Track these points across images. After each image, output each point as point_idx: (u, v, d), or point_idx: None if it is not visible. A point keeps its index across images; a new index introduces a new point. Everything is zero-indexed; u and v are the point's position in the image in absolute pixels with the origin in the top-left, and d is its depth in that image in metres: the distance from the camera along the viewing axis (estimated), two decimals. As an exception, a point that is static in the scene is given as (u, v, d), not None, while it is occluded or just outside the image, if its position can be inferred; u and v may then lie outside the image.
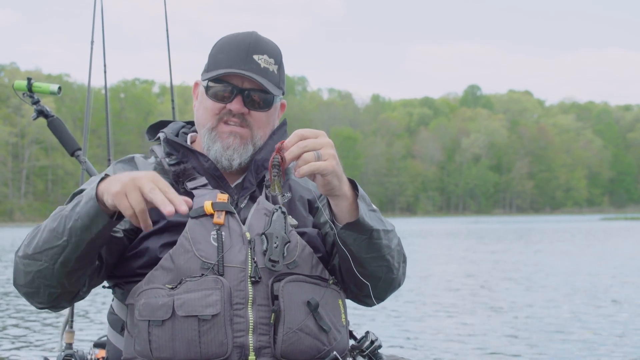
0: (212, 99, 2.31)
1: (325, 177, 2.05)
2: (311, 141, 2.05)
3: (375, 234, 2.17)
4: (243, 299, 2.13)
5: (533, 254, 23.36)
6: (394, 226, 2.31)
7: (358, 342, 2.28)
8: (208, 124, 2.33)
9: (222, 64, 2.30)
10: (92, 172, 4.01)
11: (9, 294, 13.81)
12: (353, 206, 2.14)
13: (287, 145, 2.05)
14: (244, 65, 2.28)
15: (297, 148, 2.03)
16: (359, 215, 2.12)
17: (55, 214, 2.13)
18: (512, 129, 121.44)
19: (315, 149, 2.04)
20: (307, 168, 2.02)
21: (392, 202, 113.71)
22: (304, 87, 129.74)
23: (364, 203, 2.16)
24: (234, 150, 2.32)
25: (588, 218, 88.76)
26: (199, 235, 2.18)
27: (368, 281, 2.25)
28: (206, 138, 2.33)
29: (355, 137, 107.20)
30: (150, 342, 2.12)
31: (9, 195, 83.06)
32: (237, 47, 2.31)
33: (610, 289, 13.44)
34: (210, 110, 2.32)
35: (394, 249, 2.27)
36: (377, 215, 2.22)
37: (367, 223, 2.14)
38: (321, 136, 2.08)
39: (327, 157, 2.05)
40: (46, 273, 2.11)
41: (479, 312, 10.73)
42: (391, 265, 2.27)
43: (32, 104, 4.08)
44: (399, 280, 2.35)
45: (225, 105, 2.31)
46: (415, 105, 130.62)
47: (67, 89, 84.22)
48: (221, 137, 2.32)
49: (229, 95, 2.30)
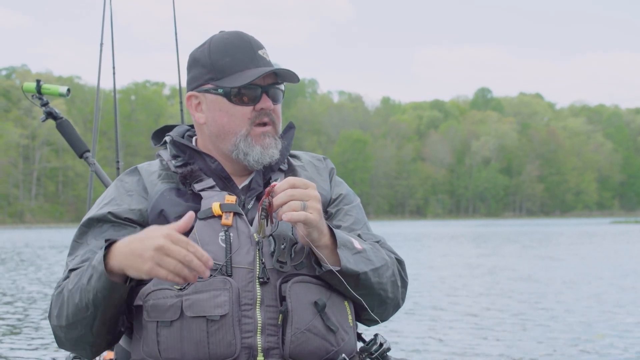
0: (239, 104, 2.30)
1: (307, 228, 2.11)
2: (299, 191, 2.11)
3: (363, 276, 2.20)
4: (251, 299, 2.14)
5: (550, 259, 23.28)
6: (390, 257, 2.33)
7: (367, 345, 2.28)
8: (242, 130, 2.31)
9: (236, 67, 2.29)
10: (100, 174, 4.02)
11: (18, 294, 13.85)
12: (334, 254, 2.18)
13: (276, 190, 2.11)
14: (258, 63, 2.30)
15: (284, 195, 2.10)
16: (341, 266, 2.15)
17: (75, 284, 2.14)
18: (523, 132, 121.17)
19: (302, 200, 2.10)
20: (293, 215, 2.08)
21: (402, 204, 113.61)
22: (314, 89, 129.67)
23: (347, 249, 2.18)
24: (272, 148, 2.33)
25: (598, 221, 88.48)
26: (207, 237, 2.19)
27: (362, 312, 2.30)
28: (242, 145, 2.31)
29: (365, 140, 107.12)
30: (158, 342, 2.13)
31: (20, 197, 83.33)
32: (242, 48, 2.31)
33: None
34: (240, 116, 2.31)
35: (387, 282, 2.28)
36: (364, 255, 2.23)
37: (351, 270, 2.17)
38: (311, 188, 2.14)
39: (312, 210, 2.10)
40: (86, 337, 2.18)
41: (490, 317, 10.71)
42: (384, 298, 2.30)
43: (41, 105, 4.10)
44: (395, 305, 2.37)
45: (254, 107, 2.31)
46: (425, 108, 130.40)
47: (77, 91, 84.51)
48: (258, 140, 2.31)
49: (255, 97, 2.31)
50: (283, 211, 2.09)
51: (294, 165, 2.45)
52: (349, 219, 2.42)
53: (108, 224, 2.29)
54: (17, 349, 8.21)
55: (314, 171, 2.46)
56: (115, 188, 2.37)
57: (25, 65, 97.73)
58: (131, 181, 2.38)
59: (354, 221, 2.42)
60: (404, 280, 2.38)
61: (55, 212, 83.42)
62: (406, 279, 2.40)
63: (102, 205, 2.33)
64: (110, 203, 2.32)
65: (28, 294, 14.04)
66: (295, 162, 2.47)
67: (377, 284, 2.25)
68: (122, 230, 2.27)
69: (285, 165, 2.44)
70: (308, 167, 2.47)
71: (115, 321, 2.18)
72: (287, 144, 2.41)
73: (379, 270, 2.25)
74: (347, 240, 2.20)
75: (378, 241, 2.39)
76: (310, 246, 2.17)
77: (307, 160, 2.50)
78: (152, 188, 2.33)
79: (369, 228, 2.46)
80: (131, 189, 2.35)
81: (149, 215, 2.29)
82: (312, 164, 2.49)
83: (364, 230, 2.41)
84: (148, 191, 2.33)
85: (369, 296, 2.26)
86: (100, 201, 2.37)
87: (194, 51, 2.39)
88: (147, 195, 2.32)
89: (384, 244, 2.40)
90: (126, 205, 2.31)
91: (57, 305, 2.20)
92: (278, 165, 2.39)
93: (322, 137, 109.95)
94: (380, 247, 2.35)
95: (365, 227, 2.44)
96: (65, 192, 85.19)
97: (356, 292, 2.23)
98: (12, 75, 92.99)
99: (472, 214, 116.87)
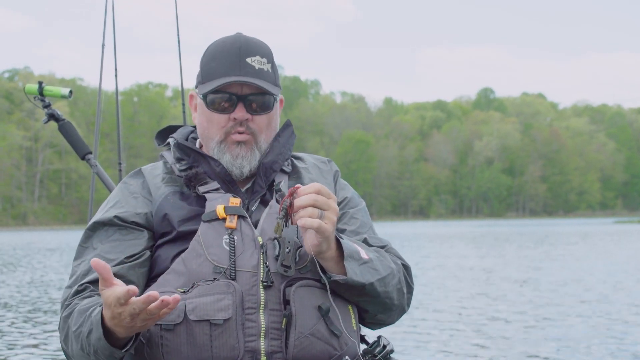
0: (213, 111, 2.30)
1: (319, 238, 2.09)
2: (322, 199, 2.09)
3: (369, 286, 2.19)
4: (255, 303, 2.13)
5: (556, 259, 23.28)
6: (396, 263, 2.31)
7: (370, 347, 2.27)
8: (216, 137, 2.32)
9: (216, 73, 2.29)
10: (102, 176, 4.01)
11: (20, 297, 13.85)
12: (340, 265, 2.17)
13: (300, 192, 2.09)
14: (239, 71, 2.27)
15: (308, 199, 2.08)
16: (347, 277, 2.14)
17: (77, 328, 2.11)
18: (525, 132, 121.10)
19: (322, 208, 2.08)
20: (307, 221, 2.05)
21: (405, 205, 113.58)
22: (316, 90, 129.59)
23: (353, 260, 2.17)
24: (242, 159, 2.31)
25: (601, 221, 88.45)
26: (211, 240, 2.18)
27: (366, 314, 2.30)
28: (215, 151, 2.33)
29: (368, 140, 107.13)
30: (161, 346, 2.12)
31: (23, 199, 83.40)
32: (229, 53, 2.29)
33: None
34: (215, 123, 2.31)
35: (392, 291, 2.27)
36: (371, 265, 2.22)
37: (357, 282, 2.16)
38: (332, 200, 2.12)
39: (327, 220, 2.08)
40: None
41: (490, 317, 10.70)
42: (389, 305, 2.29)
43: (43, 107, 4.09)
44: (400, 310, 2.36)
45: (229, 116, 2.30)
46: (428, 108, 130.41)
47: (80, 92, 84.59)
48: (229, 148, 2.31)
49: (230, 105, 2.29)
50: (300, 215, 2.07)
51: (298, 167, 2.44)
52: (355, 222, 2.41)
53: (114, 228, 2.28)
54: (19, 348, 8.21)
55: (318, 174, 2.44)
56: (120, 191, 2.37)
57: (27, 67, 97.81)
58: (136, 184, 2.37)
59: (359, 224, 2.41)
60: (410, 286, 2.37)
61: (59, 214, 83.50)
62: (412, 284, 2.39)
63: (107, 209, 2.33)
64: (116, 206, 2.31)
65: (29, 295, 14.04)
66: (299, 164, 2.45)
67: (383, 293, 2.24)
68: (128, 234, 2.26)
69: (289, 167, 2.42)
70: (312, 170, 2.45)
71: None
72: (284, 141, 2.39)
73: (385, 280, 2.24)
74: (353, 250, 2.19)
75: (384, 246, 2.38)
76: (314, 257, 2.14)
77: (312, 162, 2.49)
78: (156, 191, 2.32)
79: (375, 231, 2.45)
80: (136, 191, 2.35)
81: (153, 219, 2.28)
82: (317, 166, 2.48)
83: (369, 234, 2.40)
84: (152, 194, 2.32)
85: (374, 304, 2.25)
86: (106, 204, 2.37)
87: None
88: (151, 198, 2.32)
89: (390, 249, 2.38)
90: (132, 208, 2.30)
91: (63, 332, 2.19)
92: (280, 166, 2.38)
93: (324, 137, 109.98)
94: (386, 253, 2.33)
95: (371, 231, 2.43)
96: (68, 194, 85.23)
97: (361, 300, 2.23)
98: (15, 77, 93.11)
99: (475, 214, 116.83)
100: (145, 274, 2.25)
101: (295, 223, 2.09)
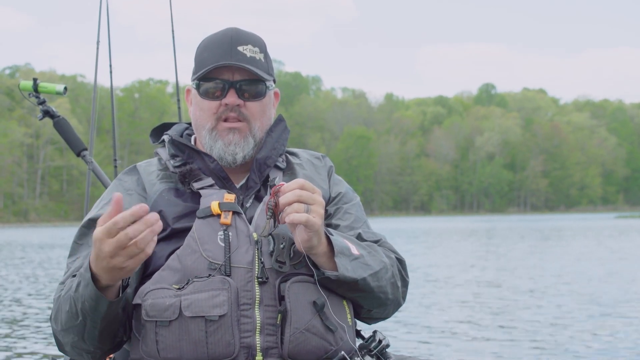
0: (205, 98, 2.31)
1: (309, 233, 2.09)
2: (307, 194, 2.10)
3: (361, 282, 2.20)
4: (250, 299, 2.13)
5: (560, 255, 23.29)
6: (389, 257, 2.31)
7: (366, 342, 2.27)
8: (207, 124, 2.32)
9: (208, 62, 2.29)
10: (98, 172, 4.00)
11: (18, 295, 13.86)
12: (332, 261, 2.17)
13: (284, 190, 2.09)
14: (230, 58, 2.28)
15: (292, 195, 2.08)
16: (339, 273, 2.14)
17: (67, 291, 2.13)
18: (527, 127, 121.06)
19: (308, 203, 2.09)
20: (295, 217, 2.06)
21: (406, 201, 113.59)
22: (317, 86, 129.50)
23: (344, 256, 2.17)
24: (235, 145, 2.31)
25: (603, 216, 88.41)
26: (206, 236, 2.18)
27: (361, 309, 2.30)
28: (207, 139, 2.33)
29: (369, 136, 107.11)
30: (157, 342, 2.12)
31: (24, 196, 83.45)
32: (221, 42, 2.31)
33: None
34: (207, 110, 2.32)
35: (386, 285, 2.28)
36: (362, 260, 2.22)
37: (349, 277, 2.16)
38: (317, 194, 2.12)
39: (315, 214, 2.09)
40: (80, 344, 2.17)
41: (492, 314, 10.70)
42: (384, 300, 2.29)
43: (38, 104, 4.08)
44: (395, 304, 2.36)
45: (220, 102, 2.30)
46: (429, 104, 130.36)
47: (81, 89, 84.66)
48: (221, 135, 2.31)
49: (221, 91, 2.30)
50: (287, 212, 2.08)
51: (292, 163, 2.44)
52: (349, 217, 2.41)
53: None
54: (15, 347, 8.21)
55: (312, 169, 2.45)
56: (115, 187, 2.37)
57: (29, 64, 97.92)
58: (130, 180, 2.37)
59: (354, 219, 2.41)
60: (405, 280, 2.37)
61: (60, 210, 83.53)
62: (407, 278, 2.39)
63: (102, 206, 2.33)
64: (110, 203, 2.31)
65: (26, 293, 14.06)
66: (293, 160, 2.45)
67: (376, 288, 2.24)
68: None
69: (284, 163, 2.42)
70: (306, 166, 2.45)
71: (110, 332, 2.15)
72: (277, 136, 2.39)
73: (378, 274, 2.25)
74: (344, 247, 2.19)
75: (378, 240, 2.38)
76: (305, 253, 2.15)
77: (306, 158, 2.49)
78: (150, 188, 2.33)
79: (369, 226, 2.45)
80: (130, 188, 2.35)
81: None
82: (311, 162, 2.48)
83: (364, 229, 2.40)
84: (147, 191, 2.32)
85: (369, 299, 2.26)
86: (100, 201, 2.37)
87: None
88: (146, 194, 2.32)
89: (384, 243, 2.38)
90: (126, 205, 2.28)
91: (55, 309, 2.20)
92: (274, 161, 2.38)
93: (325, 133, 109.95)
94: (379, 248, 2.33)
95: (365, 225, 2.43)
96: (69, 190, 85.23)
97: (355, 295, 2.23)
98: (16, 74, 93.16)
99: (476, 209, 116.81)
100: (140, 271, 2.24)
101: (284, 221, 2.09)
